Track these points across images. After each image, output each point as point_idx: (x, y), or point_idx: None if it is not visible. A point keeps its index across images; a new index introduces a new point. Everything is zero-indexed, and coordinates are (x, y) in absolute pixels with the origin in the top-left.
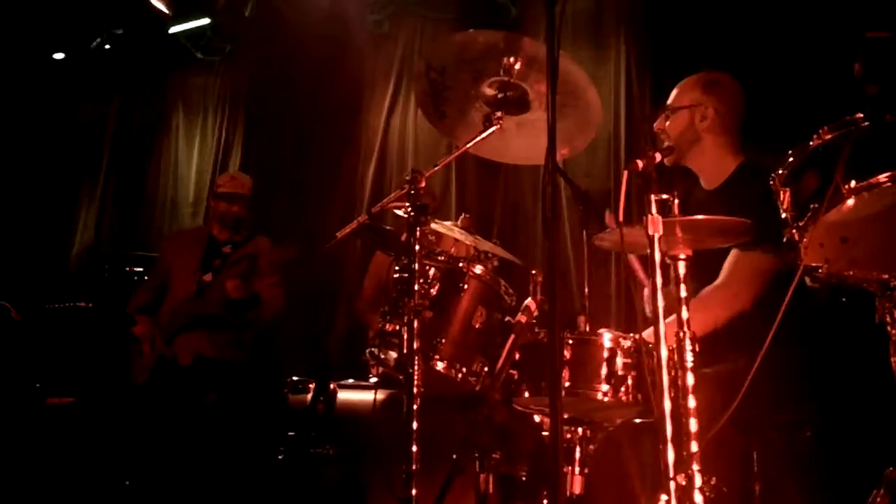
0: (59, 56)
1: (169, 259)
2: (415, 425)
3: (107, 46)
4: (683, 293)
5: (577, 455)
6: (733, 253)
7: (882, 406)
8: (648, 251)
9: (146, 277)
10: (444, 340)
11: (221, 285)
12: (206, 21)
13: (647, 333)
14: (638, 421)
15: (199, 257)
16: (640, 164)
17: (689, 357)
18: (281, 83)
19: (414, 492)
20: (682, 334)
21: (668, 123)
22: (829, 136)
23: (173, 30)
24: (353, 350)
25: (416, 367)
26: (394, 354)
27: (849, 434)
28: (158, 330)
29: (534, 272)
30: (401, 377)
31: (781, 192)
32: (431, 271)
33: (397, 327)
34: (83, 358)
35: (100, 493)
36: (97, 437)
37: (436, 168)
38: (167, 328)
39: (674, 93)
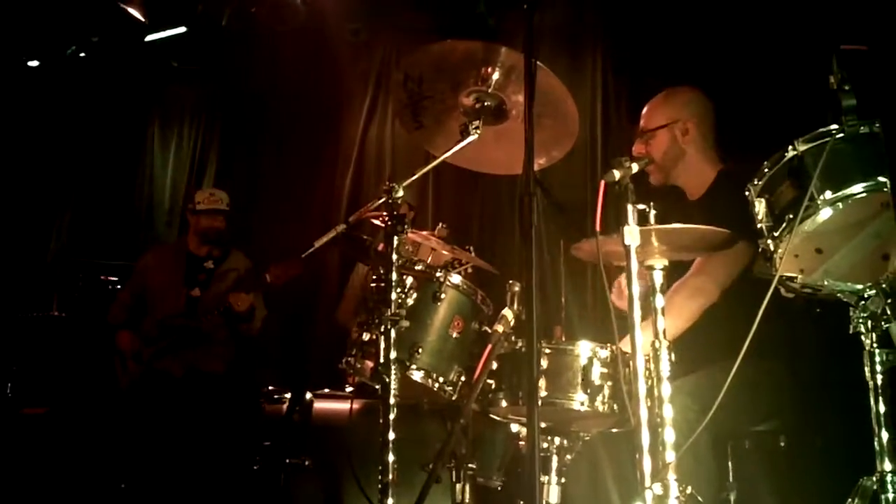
0: (33, 63)
1: (148, 275)
2: (391, 435)
3: (82, 54)
4: (660, 303)
5: (554, 464)
6: None
7: (856, 415)
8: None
9: (119, 291)
10: (420, 350)
11: (219, 299)
12: (182, 29)
13: (624, 343)
14: (614, 431)
15: (182, 273)
16: (616, 174)
17: (666, 367)
18: (258, 92)
19: (390, 501)
20: (657, 344)
21: (648, 146)
22: (804, 147)
23: (150, 38)
24: (330, 359)
25: (392, 377)
26: (370, 364)
27: (823, 443)
28: (144, 343)
29: (510, 282)
30: (377, 387)
31: (757, 203)
32: (408, 281)
33: (374, 337)
34: (57, 367)
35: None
36: (70, 448)
37: (413, 178)
38: (156, 342)
39: (645, 115)
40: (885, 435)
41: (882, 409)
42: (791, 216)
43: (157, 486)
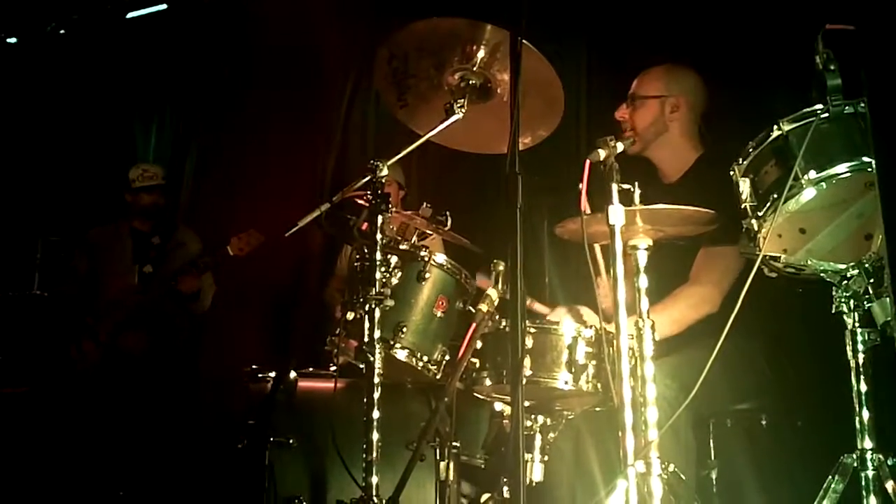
0: (11, 40)
1: (97, 253)
2: (376, 414)
3: (62, 31)
4: (644, 283)
5: (538, 442)
6: (702, 253)
7: (837, 394)
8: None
9: (71, 262)
10: (405, 329)
11: (172, 280)
12: (163, 7)
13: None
14: (598, 409)
15: (129, 250)
16: (601, 153)
17: (649, 346)
18: (240, 71)
19: (374, 479)
20: (641, 323)
21: (634, 113)
22: (788, 127)
23: (130, 15)
24: (314, 339)
25: (376, 356)
26: (355, 343)
27: (804, 422)
28: (101, 324)
29: (494, 262)
30: (362, 366)
31: (741, 182)
32: (393, 260)
33: (358, 316)
34: (38, 346)
35: (53, 483)
36: (49, 427)
37: (398, 157)
38: (113, 321)
39: (637, 83)
40: (865, 414)
41: (863, 388)
42: (775, 196)
43: (140, 465)
